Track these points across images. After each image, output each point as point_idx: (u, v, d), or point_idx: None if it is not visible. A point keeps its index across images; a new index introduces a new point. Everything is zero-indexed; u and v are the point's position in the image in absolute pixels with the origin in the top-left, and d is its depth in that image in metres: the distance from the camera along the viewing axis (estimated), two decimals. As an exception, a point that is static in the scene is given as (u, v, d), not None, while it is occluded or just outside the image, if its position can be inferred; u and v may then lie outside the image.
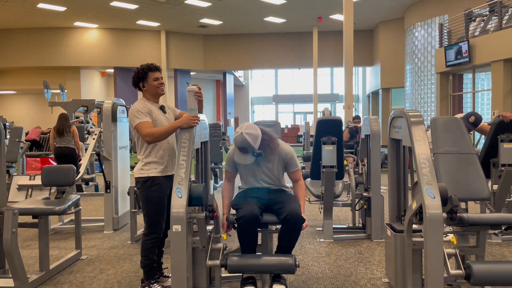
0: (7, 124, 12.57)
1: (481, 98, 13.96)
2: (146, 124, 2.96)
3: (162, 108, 3.16)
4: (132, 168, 4.31)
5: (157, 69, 3.13)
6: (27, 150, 8.30)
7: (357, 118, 9.37)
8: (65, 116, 6.93)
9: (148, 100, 3.12)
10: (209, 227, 3.07)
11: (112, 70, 20.27)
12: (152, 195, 3.03)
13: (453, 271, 2.65)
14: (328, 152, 4.40)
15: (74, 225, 4.09)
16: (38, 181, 4.98)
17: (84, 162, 5.40)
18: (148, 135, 2.92)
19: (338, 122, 4.55)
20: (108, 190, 5.09)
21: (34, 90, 19.87)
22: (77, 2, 15.36)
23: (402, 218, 3.09)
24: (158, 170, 3.05)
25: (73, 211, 3.88)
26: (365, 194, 4.72)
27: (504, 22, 11.12)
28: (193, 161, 3.15)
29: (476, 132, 5.85)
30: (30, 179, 5.11)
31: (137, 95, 20.33)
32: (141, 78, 3.11)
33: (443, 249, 2.54)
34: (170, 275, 3.33)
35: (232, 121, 25.08)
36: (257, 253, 3.33)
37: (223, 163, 11.21)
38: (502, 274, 2.60)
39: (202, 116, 3.19)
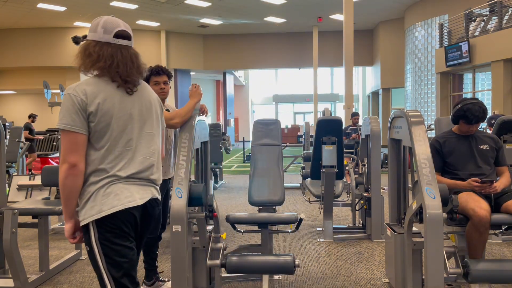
0: (7, 124, 12.57)
1: (481, 98, 13.96)
2: (165, 112, 2.93)
3: (167, 110, 3.15)
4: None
5: (158, 73, 3.08)
6: (27, 150, 8.30)
7: (356, 115, 9.36)
8: None
9: None
10: (209, 227, 3.07)
11: (112, 70, 20.26)
12: None
13: (451, 270, 2.66)
14: (328, 152, 4.40)
15: (74, 225, 4.08)
16: (38, 181, 4.97)
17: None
18: (174, 117, 2.87)
19: (338, 122, 4.55)
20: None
21: (34, 90, 19.84)
22: (77, 2, 15.36)
23: (402, 221, 3.09)
24: None
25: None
26: (365, 194, 4.72)
27: (504, 22, 11.11)
28: (193, 161, 3.15)
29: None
30: (30, 179, 5.11)
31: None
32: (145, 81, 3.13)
33: (443, 249, 2.54)
34: (166, 279, 3.30)
35: (232, 121, 25.07)
36: (257, 253, 3.34)
37: (223, 163, 11.21)
38: (498, 272, 2.66)
39: (202, 117, 3.19)
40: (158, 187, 1.92)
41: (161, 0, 15.46)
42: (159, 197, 1.92)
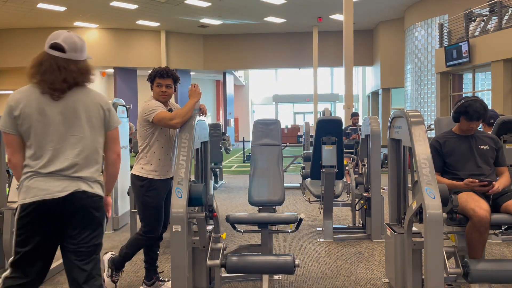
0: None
1: (481, 98, 13.93)
2: (165, 113, 2.96)
3: (170, 111, 3.15)
4: (131, 168, 4.30)
5: (162, 75, 3.07)
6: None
7: (355, 115, 9.37)
8: None
9: (155, 100, 3.11)
10: (209, 227, 3.07)
11: (112, 70, 20.27)
12: (147, 200, 3.00)
13: (451, 270, 2.66)
14: (328, 152, 4.40)
15: (74, 225, 4.08)
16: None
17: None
18: (174, 118, 2.89)
19: (338, 122, 4.55)
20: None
21: (34, 90, 19.88)
22: (77, 2, 15.35)
23: (402, 221, 3.09)
24: (157, 173, 3.04)
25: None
26: (365, 194, 4.72)
27: (504, 22, 11.11)
28: (193, 161, 3.15)
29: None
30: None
31: (137, 95, 20.34)
32: (149, 81, 3.15)
33: (443, 249, 2.54)
34: (166, 279, 3.30)
35: (232, 121, 25.08)
36: (256, 253, 3.34)
37: (223, 163, 11.20)
38: (498, 272, 2.67)
39: (201, 117, 3.20)
40: (88, 182, 2.02)
41: (161, 0, 15.46)
42: (88, 190, 2.00)
